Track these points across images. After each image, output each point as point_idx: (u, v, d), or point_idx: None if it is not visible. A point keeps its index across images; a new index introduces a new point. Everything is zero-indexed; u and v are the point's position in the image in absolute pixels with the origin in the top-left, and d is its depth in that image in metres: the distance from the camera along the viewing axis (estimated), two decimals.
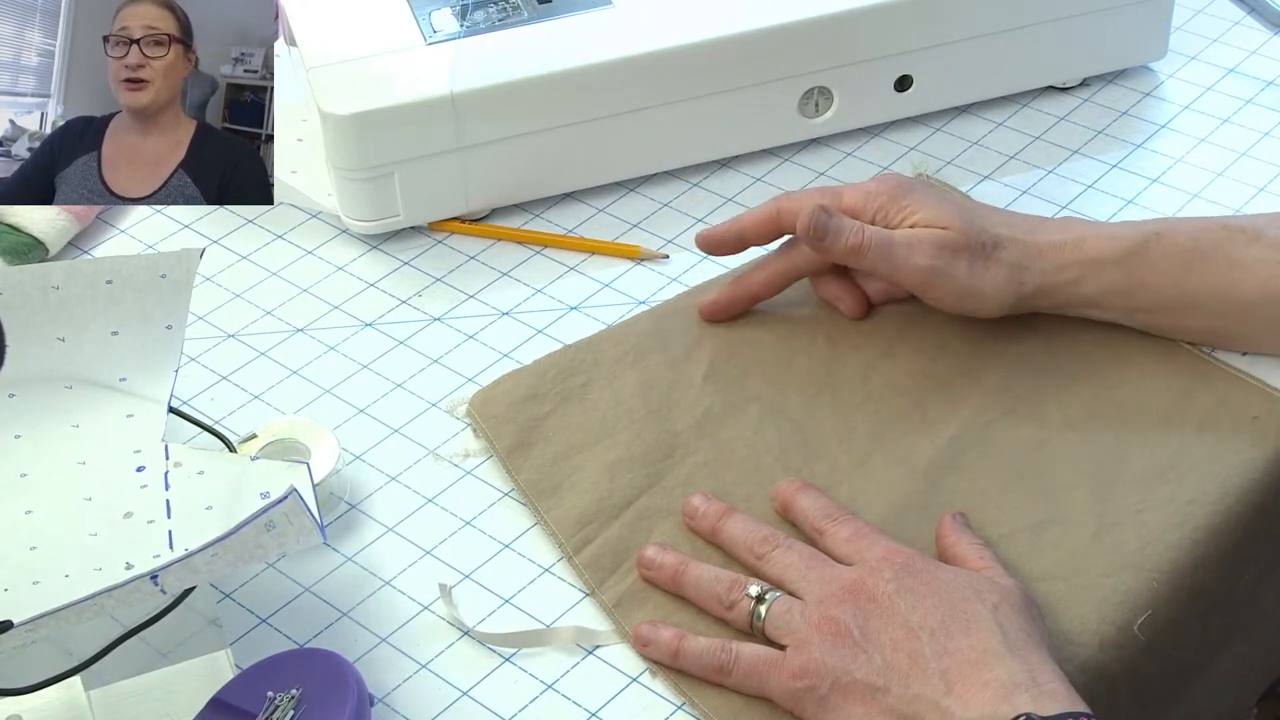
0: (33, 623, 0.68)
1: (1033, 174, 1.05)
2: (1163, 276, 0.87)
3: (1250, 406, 0.87)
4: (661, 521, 0.83)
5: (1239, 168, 1.05)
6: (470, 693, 0.78)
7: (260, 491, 0.78)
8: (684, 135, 1.04)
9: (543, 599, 0.82)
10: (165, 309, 0.84)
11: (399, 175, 0.99)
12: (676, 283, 0.99)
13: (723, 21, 1.01)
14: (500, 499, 0.87)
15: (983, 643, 0.72)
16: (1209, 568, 0.82)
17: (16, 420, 0.84)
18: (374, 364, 0.95)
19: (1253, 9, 1.17)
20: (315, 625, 0.81)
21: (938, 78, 1.07)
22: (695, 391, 0.90)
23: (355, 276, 1.01)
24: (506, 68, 0.99)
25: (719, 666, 0.76)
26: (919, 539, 0.80)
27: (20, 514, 0.81)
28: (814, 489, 0.83)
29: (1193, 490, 0.83)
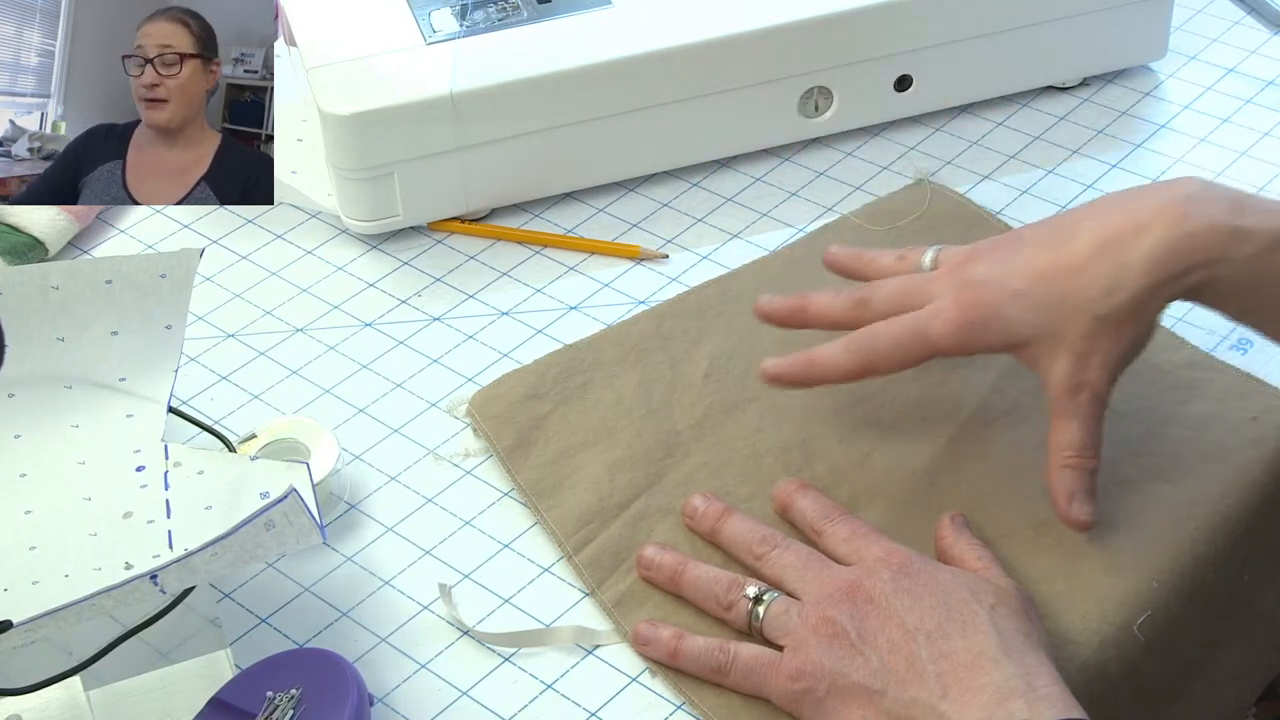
0: (33, 623, 0.68)
1: (1033, 174, 1.05)
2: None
3: (1250, 406, 0.87)
4: (661, 521, 0.83)
5: (1239, 168, 1.05)
6: (470, 693, 0.78)
7: (260, 491, 0.78)
8: (684, 135, 1.04)
9: (543, 599, 0.82)
10: (165, 309, 0.84)
11: (399, 175, 0.99)
12: (676, 283, 0.99)
13: (723, 21, 1.01)
14: (500, 499, 0.87)
15: (979, 645, 0.72)
16: (1208, 568, 0.82)
17: (16, 420, 0.84)
18: (374, 364, 0.95)
19: (1253, 9, 1.17)
20: (315, 625, 0.81)
21: (938, 78, 1.07)
22: (695, 391, 0.90)
23: (355, 276, 1.01)
24: (506, 68, 0.99)
25: (717, 667, 0.76)
26: (919, 539, 0.80)
27: (20, 514, 0.81)
28: (812, 489, 0.83)
29: (1192, 490, 0.83)
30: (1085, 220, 0.80)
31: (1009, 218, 1.01)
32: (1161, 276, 0.77)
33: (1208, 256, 0.77)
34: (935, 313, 0.81)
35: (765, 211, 1.03)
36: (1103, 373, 0.79)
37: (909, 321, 0.82)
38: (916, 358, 0.82)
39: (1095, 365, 0.79)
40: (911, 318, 0.82)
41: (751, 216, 1.03)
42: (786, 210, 1.03)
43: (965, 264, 0.83)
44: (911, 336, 0.81)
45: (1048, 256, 0.80)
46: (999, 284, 0.80)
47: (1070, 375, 0.79)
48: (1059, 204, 1.02)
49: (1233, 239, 0.76)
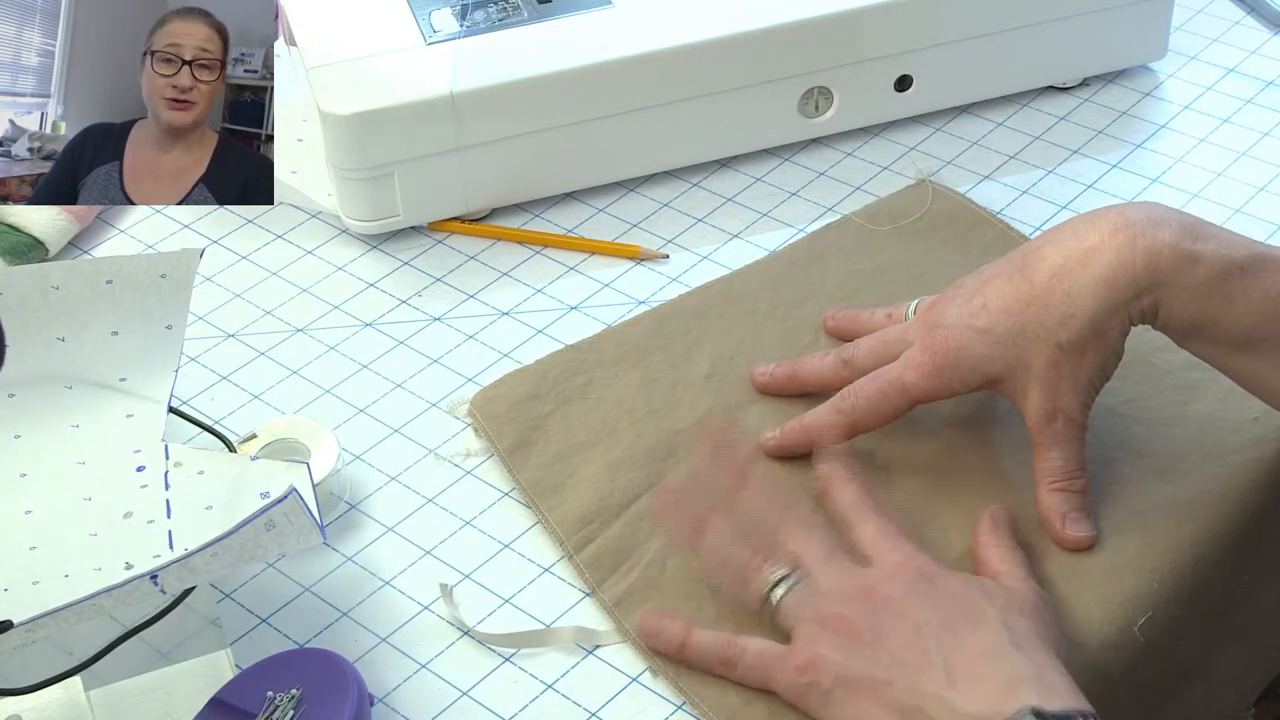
0: (33, 623, 0.68)
1: (1033, 174, 1.05)
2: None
3: (1251, 407, 0.87)
4: None
5: (1239, 168, 1.05)
6: (470, 693, 0.78)
7: (260, 491, 0.78)
8: (684, 135, 1.04)
9: (543, 599, 0.82)
10: (165, 309, 0.84)
11: (399, 175, 0.99)
12: (676, 283, 0.99)
13: (723, 21, 1.01)
14: (500, 499, 0.87)
15: (988, 639, 0.72)
16: (1209, 569, 0.82)
17: (16, 420, 0.84)
18: (374, 364, 0.95)
19: (1253, 9, 1.17)
20: (315, 625, 0.81)
21: (938, 78, 1.07)
22: (697, 391, 0.90)
23: (355, 276, 1.01)
24: (506, 68, 0.99)
25: (725, 659, 0.76)
26: (919, 539, 0.80)
27: (20, 514, 0.81)
28: (854, 482, 0.82)
29: (1193, 491, 0.83)
30: (1043, 249, 0.81)
31: (1009, 218, 1.01)
32: (1114, 299, 0.78)
33: (1157, 279, 0.77)
34: (907, 362, 0.83)
35: (765, 211, 1.03)
36: (1073, 399, 0.80)
37: (884, 375, 0.84)
38: (898, 409, 0.84)
39: (1065, 392, 0.80)
40: (886, 371, 0.84)
41: (751, 216, 1.03)
42: (786, 210, 1.04)
43: (933, 308, 0.84)
44: (890, 389, 0.83)
45: (1008, 289, 0.81)
46: (963, 324, 0.81)
47: (1042, 405, 0.81)
48: (1059, 204, 1.02)
49: (1183, 262, 0.77)
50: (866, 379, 0.84)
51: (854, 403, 0.84)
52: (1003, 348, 0.80)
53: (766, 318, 0.94)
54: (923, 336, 0.83)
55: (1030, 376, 0.80)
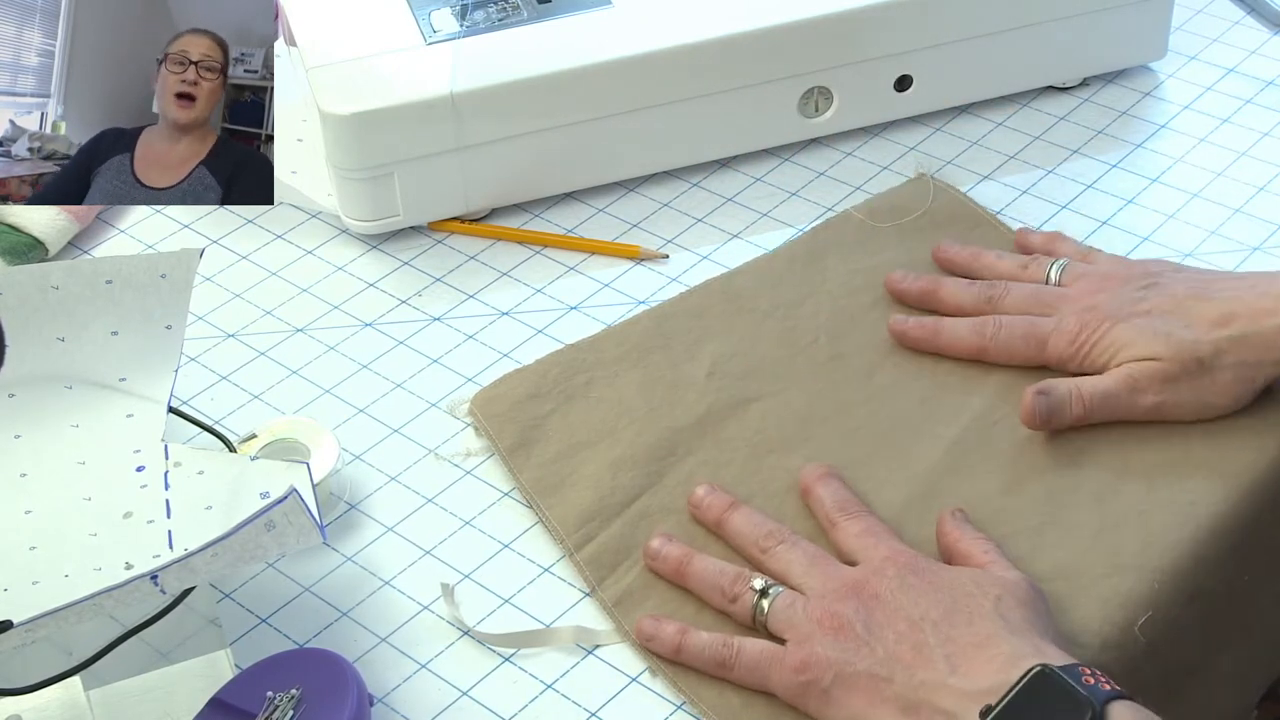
0: (33, 623, 0.68)
1: (1033, 174, 1.05)
2: None
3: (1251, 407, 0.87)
4: (663, 520, 0.83)
5: (1239, 168, 1.05)
6: (470, 693, 0.78)
7: (260, 491, 0.78)
8: (684, 135, 1.04)
9: (543, 599, 0.82)
10: (165, 309, 0.84)
11: (399, 175, 0.99)
12: (676, 282, 0.99)
13: (723, 21, 1.01)
14: (500, 499, 0.87)
15: (986, 629, 0.72)
16: (1210, 569, 0.82)
17: (16, 420, 0.84)
18: (374, 364, 0.95)
19: (1253, 9, 1.17)
20: (315, 625, 0.81)
21: (938, 78, 1.07)
22: (697, 390, 0.90)
23: (355, 276, 1.01)
24: (506, 68, 0.99)
25: (721, 661, 0.76)
26: (920, 540, 0.80)
27: (20, 514, 0.81)
28: (837, 478, 0.83)
29: (1194, 491, 0.83)
30: (1225, 281, 0.87)
31: (1009, 218, 1.01)
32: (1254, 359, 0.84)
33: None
34: (1058, 324, 0.88)
35: (765, 211, 1.03)
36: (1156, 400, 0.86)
37: (1038, 324, 0.89)
38: (1025, 357, 0.88)
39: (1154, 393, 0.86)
40: (1036, 321, 0.89)
41: (751, 216, 1.03)
42: (786, 210, 1.03)
43: (1094, 293, 0.89)
44: (1032, 338, 0.88)
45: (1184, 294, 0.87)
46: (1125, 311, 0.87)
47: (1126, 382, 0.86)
48: (1059, 204, 1.02)
49: None
50: (1012, 317, 0.89)
51: (995, 332, 0.89)
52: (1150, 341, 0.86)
53: (766, 316, 0.94)
54: (1080, 313, 0.88)
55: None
